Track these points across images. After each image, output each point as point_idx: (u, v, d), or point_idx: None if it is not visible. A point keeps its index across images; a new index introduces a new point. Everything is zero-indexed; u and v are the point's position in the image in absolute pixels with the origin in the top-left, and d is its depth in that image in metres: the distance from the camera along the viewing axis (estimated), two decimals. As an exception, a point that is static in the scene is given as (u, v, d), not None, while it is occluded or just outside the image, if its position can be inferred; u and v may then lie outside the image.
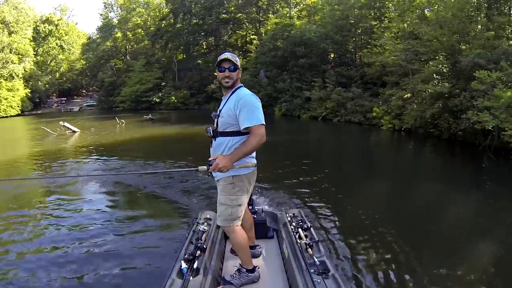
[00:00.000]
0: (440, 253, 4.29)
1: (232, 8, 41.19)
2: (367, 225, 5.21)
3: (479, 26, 15.82)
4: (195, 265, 2.68)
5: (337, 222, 5.25)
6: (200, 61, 42.22)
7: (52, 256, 4.38)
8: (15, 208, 6.53)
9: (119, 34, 51.45)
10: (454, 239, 4.86)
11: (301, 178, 8.01)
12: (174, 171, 8.47)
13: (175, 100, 39.27)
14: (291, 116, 26.00)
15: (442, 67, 16.36)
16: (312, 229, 3.36)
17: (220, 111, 2.71)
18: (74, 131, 18.44)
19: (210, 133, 2.72)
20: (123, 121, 23.79)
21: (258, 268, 2.87)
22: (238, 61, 2.66)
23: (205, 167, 2.46)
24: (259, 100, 2.62)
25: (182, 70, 43.17)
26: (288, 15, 34.09)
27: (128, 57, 51.07)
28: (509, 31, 17.66)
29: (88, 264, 4.10)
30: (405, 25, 20.43)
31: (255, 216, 3.49)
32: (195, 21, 43.61)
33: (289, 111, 26.47)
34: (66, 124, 18.72)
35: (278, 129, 20.87)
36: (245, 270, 2.79)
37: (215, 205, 5.00)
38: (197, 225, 3.45)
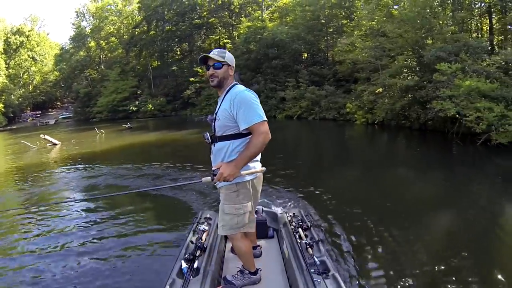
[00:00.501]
0: (437, 248, 4.34)
1: (205, 13, 41.12)
2: (359, 220, 5.19)
3: (441, 22, 16.44)
4: (195, 265, 2.68)
5: (324, 218, 5.26)
6: (175, 67, 42.03)
7: (51, 255, 4.41)
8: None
9: (92, 44, 50.40)
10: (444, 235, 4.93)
11: (280, 177, 7.91)
12: (177, 185, 8.26)
13: (152, 108, 38.89)
14: (267, 117, 25.88)
15: (410, 62, 16.93)
16: (312, 229, 3.36)
17: (216, 113, 2.53)
18: (55, 144, 18.12)
19: (208, 139, 2.53)
20: (102, 131, 23.52)
21: (260, 270, 2.82)
22: (226, 57, 2.47)
23: (209, 178, 2.34)
24: (256, 96, 2.47)
25: (158, 77, 42.96)
26: (260, 18, 34.33)
27: (102, 67, 50.23)
28: (473, 25, 18.41)
29: (88, 264, 4.12)
30: (374, 22, 20.96)
31: (255, 216, 3.39)
32: (168, 27, 43.38)
33: (265, 112, 26.45)
34: (46, 137, 18.39)
35: None
36: (247, 272, 2.75)
37: (215, 205, 5.19)
38: (197, 225, 3.45)
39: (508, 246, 4.51)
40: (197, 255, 2.82)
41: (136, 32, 45.40)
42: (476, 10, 18.17)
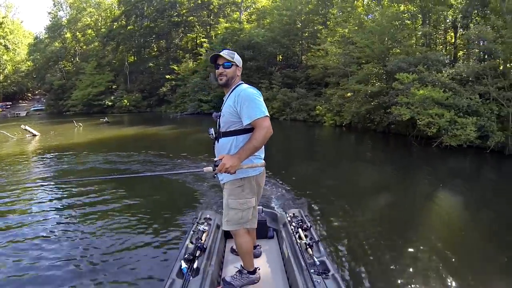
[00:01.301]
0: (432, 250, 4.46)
1: (184, 11, 41.31)
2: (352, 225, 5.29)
3: (406, 35, 17.58)
4: (195, 265, 2.71)
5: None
6: (151, 64, 41.98)
7: (49, 254, 4.32)
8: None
9: (68, 35, 49.32)
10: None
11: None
12: (178, 172, 8.46)
13: (128, 103, 38.69)
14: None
15: (378, 70, 17.99)
16: (312, 229, 3.38)
17: (221, 110, 2.63)
18: (35, 135, 18.11)
19: (212, 134, 2.63)
20: (80, 124, 23.48)
21: (259, 269, 2.84)
22: (235, 58, 2.60)
23: (210, 168, 2.38)
24: (260, 93, 2.54)
25: (134, 73, 42.71)
26: (238, 19, 34.88)
27: (77, 59, 49.29)
28: (438, 39, 19.58)
29: (88, 264, 4.08)
30: (346, 30, 21.92)
31: None
32: (147, 23, 43.26)
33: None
34: (27, 127, 18.51)
35: None
36: (246, 271, 2.77)
37: (215, 205, 5.53)
38: (197, 225, 3.44)
39: (432, 224, 5.50)
40: (196, 255, 2.84)
41: (115, 26, 44.86)
42: (442, 25, 19.35)
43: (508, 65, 13.38)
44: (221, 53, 2.55)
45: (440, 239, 4.80)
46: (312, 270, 2.58)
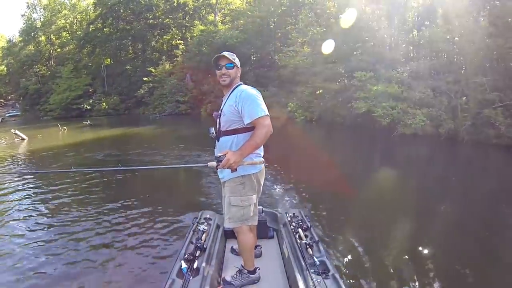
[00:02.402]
0: (435, 246, 4.49)
1: (160, 14, 41.67)
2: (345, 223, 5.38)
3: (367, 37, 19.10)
4: (195, 265, 2.72)
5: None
6: (128, 66, 42.04)
7: (48, 254, 4.39)
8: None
9: (42, 38, 48.33)
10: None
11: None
12: (182, 166, 8.66)
13: (106, 106, 38.69)
14: (216, 113, 27.94)
15: (340, 69, 19.48)
16: (312, 229, 3.40)
17: (221, 110, 2.69)
18: (23, 139, 18.50)
19: (212, 133, 2.69)
20: (65, 127, 23.84)
21: (259, 269, 2.87)
22: (236, 59, 2.68)
23: (214, 163, 2.43)
24: (260, 93, 2.62)
25: (111, 76, 42.65)
26: (213, 22, 35.86)
27: (52, 62, 48.55)
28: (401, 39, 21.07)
29: (88, 264, 4.11)
30: (316, 31, 23.20)
31: None
32: (123, 25, 43.32)
33: (214, 111, 28.06)
34: (17, 132, 18.88)
35: (205, 127, 22.42)
36: (246, 271, 2.80)
37: (215, 205, 5.69)
38: (197, 225, 3.47)
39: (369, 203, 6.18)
40: (197, 255, 2.87)
41: (91, 29, 44.61)
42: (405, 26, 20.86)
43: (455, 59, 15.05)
44: (223, 54, 2.64)
45: (441, 239, 4.78)
46: (312, 270, 2.61)
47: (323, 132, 17.46)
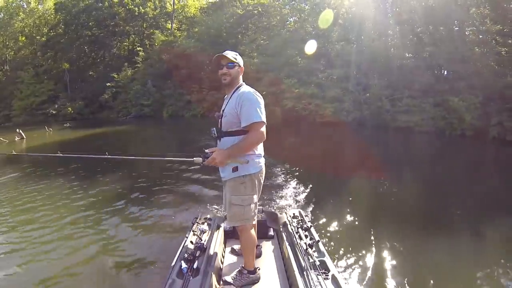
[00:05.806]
0: (438, 244, 4.60)
1: (121, 22, 42.90)
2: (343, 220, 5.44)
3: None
4: (195, 265, 2.75)
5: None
6: (91, 72, 42.74)
7: (47, 254, 4.43)
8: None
9: None
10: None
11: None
12: (169, 159, 7.85)
13: (72, 111, 38.49)
14: (177, 116, 30.51)
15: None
16: (312, 229, 3.37)
17: (223, 111, 2.69)
18: (23, 137, 19.41)
19: (214, 134, 2.67)
20: (51, 129, 24.97)
21: (259, 269, 2.91)
22: (238, 58, 2.69)
23: (200, 159, 2.51)
24: (261, 97, 2.61)
25: (74, 81, 42.94)
26: (171, 31, 38.24)
27: (7, 67, 46.37)
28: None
29: (87, 264, 4.13)
30: (261, 41, 27.49)
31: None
32: (85, 32, 43.38)
33: (175, 112, 31.36)
34: (20, 131, 19.76)
35: (167, 127, 25.42)
36: (246, 271, 2.84)
37: (215, 205, 5.93)
38: (197, 225, 3.46)
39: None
40: (196, 255, 2.87)
41: (52, 34, 44.19)
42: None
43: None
44: (224, 53, 2.66)
45: (441, 238, 4.78)
46: (312, 270, 2.61)
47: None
